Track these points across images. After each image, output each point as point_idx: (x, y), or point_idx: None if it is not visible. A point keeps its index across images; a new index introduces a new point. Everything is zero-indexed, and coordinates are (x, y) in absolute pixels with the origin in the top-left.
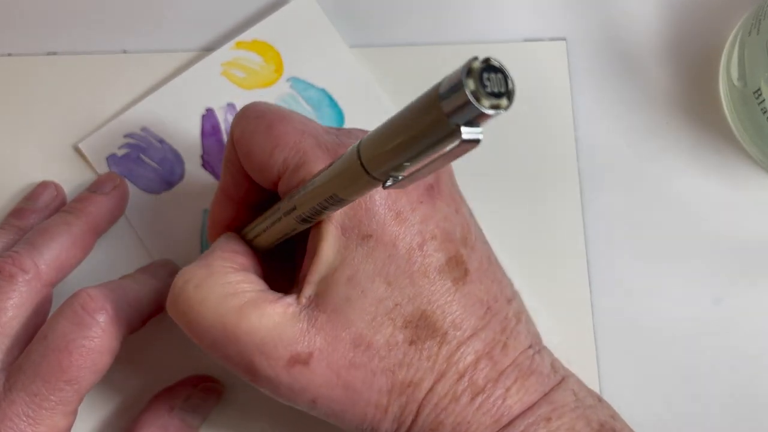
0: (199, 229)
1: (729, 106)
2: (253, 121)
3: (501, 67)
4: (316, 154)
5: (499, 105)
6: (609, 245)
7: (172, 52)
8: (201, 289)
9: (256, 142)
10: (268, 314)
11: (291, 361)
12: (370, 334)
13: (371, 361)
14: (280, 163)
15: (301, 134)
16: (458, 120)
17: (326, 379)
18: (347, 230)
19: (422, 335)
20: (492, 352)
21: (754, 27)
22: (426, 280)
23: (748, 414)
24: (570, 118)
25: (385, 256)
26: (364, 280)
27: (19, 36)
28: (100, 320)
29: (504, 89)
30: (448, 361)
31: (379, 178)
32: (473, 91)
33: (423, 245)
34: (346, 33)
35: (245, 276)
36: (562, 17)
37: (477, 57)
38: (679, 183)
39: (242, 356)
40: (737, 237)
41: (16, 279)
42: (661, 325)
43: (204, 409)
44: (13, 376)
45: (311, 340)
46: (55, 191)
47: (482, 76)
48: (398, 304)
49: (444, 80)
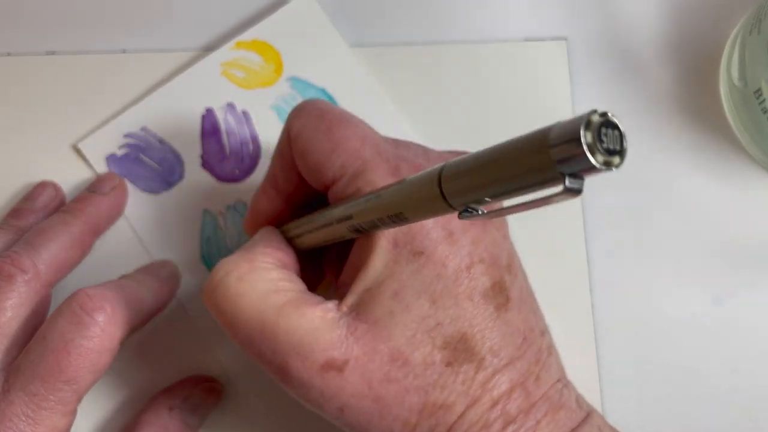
0: (198, 229)
1: (729, 106)
2: (313, 119)
3: (618, 124)
4: (377, 164)
5: (611, 162)
6: (609, 245)
7: (172, 52)
8: (243, 282)
9: (315, 142)
10: (308, 316)
11: (325, 366)
12: (408, 351)
13: (406, 378)
14: (338, 167)
15: (363, 141)
16: (564, 169)
17: (358, 388)
18: (399, 245)
19: (460, 358)
20: (526, 383)
21: (755, 27)
22: (470, 302)
23: (748, 414)
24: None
25: (433, 274)
26: (410, 296)
27: (19, 36)
28: (99, 320)
29: (619, 147)
30: (483, 387)
31: (456, 208)
32: (589, 144)
33: (471, 267)
34: (346, 33)
35: (287, 275)
36: (562, 17)
37: (596, 110)
38: (679, 183)
39: (277, 355)
40: (737, 237)
41: (15, 279)
42: (661, 325)
43: (204, 409)
44: (12, 377)
45: (349, 347)
46: (54, 191)
47: (600, 131)
48: (440, 324)
49: (556, 126)
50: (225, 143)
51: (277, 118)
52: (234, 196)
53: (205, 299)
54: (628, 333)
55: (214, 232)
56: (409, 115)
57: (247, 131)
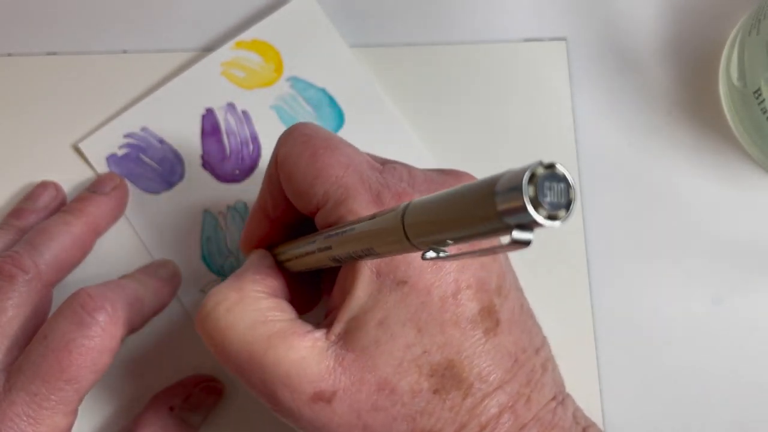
0: (199, 229)
1: (729, 106)
2: (299, 145)
3: (565, 175)
4: (358, 192)
5: (555, 216)
6: (609, 245)
7: (172, 52)
8: (231, 313)
9: (299, 168)
10: (296, 348)
11: (314, 398)
12: (395, 380)
13: (393, 407)
14: (321, 195)
15: (346, 168)
16: (510, 220)
17: (346, 419)
18: (382, 274)
19: (447, 385)
20: (515, 406)
21: (754, 27)
22: (457, 329)
23: (748, 414)
24: (570, 118)
25: (418, 302)
26: (395, 325)
27: (19, 36)
28: (99, 320)
29: (564, 200)
30: (471, 413)
31: (419, 248)
32: (532, 198)
33: (457, 294)
34: (346, 33)
35: (276, 303)
36: (562, 17)
37: (542, 162)
38: (679, 183)
39: (266, 386)
40: (737, 237)
41: (16, 279)
42: (661, 324)
43: (204, 408)
44: (13, 377)
45: (336, 378)
46: (54, 191)
47: (544, 185)
48: (426, 352)
49: (504, 176)
50: (225, 143)
51: (277, 118)
52: (234, 196)
53: (197, 328)
54: (628, 333)
55: (215, 232)
56: (409, 116)
57: (247, 131)
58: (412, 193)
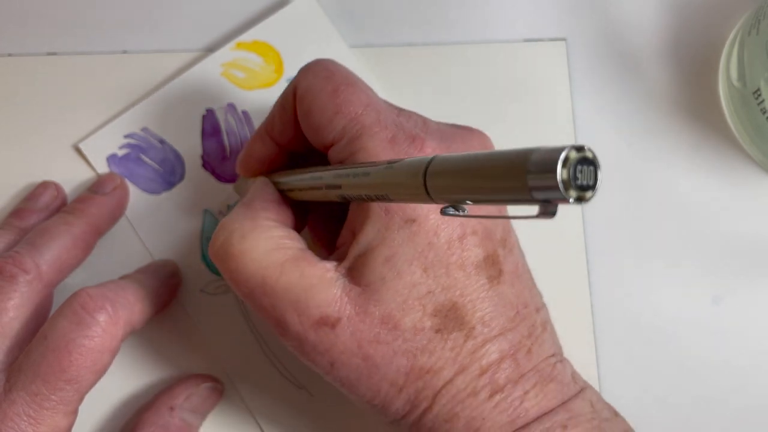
0: (199, 229)
1: (729, 107)
2: (321, 80)
3: (594, 159)
4: (374, 131)
5: (583, 197)
6: (609, 245)
7: (172, 52)
8: (246, 240)
9: (319, 102)
10: (307, 275)
11: (319, 322)
12: (398, 315)
13: (395, 341)
14: (339, 130)
15: (365, 107)
16: (538, 195)
17: (348, 346)
18: (391, 211)
19: (449, 326)
20: (516, 355)
21: (754, 27)
22: (462, 272)
23: (748, 414)
24: (570, 118)
25: (425, 242)
26: (401, 263)
27: (19, 36)
28: (100, 320)
29: (593, 182)
30: (472, 356)
31: (438, 203)
32: (564, 181)
33: (463, 238)
34: (346, 33)
35: (287, 232)
36: (562, 17)
37: (575, 146)
38: (679, 183)
39: (276, 309)
40: (737, 237)
41: (17, 279)
42: (661, 324)
43: (204, 408)
44: (14, 377)
45: (342, 306)
46: (55, 191)
47: (576, 168)
48: (431, 292)
49: (535, 153)
50: (225, 144)
51: None
52: (234, 196)
53: (211, 255)
54: (627, 333)
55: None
56: None
57: (248, 131)
58: (424, 138)
